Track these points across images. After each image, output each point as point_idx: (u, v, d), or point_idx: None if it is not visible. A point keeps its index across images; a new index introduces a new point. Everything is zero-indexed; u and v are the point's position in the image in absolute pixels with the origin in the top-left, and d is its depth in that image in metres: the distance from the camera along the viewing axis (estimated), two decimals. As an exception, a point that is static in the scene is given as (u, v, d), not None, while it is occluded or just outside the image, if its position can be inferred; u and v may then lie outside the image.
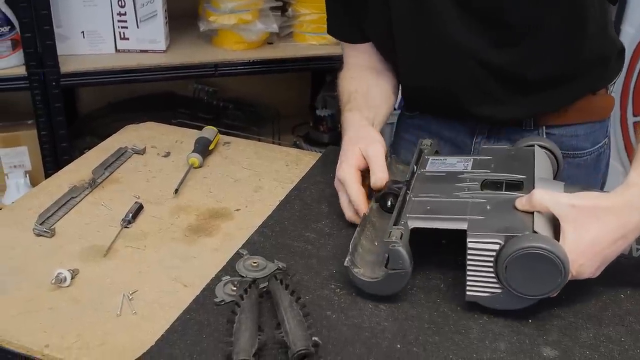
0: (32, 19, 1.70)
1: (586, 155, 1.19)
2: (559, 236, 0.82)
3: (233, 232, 1.01)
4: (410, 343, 0.79)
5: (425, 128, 1.27)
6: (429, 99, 1.19)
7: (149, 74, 1.88)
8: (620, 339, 0.81)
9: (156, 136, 1.32)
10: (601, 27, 1.11)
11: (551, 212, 0.83)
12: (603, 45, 1.14)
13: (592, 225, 0.81)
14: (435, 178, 0.97)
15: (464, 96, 1.12)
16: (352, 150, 1.04)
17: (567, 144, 1.16)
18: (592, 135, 1.19)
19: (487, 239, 0.80)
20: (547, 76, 1.09)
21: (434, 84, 1.14)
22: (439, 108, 1.21)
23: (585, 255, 0.81)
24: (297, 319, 0.77)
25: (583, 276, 0.83)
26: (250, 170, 1.21)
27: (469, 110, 1.14)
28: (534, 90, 1.11)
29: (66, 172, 1.18)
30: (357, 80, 1.20)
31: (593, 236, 0.81)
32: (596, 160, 1.21)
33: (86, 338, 0.79)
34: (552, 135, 1.16)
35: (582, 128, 1.17)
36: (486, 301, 0.82)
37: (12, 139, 1.98)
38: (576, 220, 0.81)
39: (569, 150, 1.17)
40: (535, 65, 1.08)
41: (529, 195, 0.85)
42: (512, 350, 0.79)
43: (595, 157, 1.20)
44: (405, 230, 0.84)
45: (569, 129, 1.17)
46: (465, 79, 1.10)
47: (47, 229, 0.99)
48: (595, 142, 1.19)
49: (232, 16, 1.91)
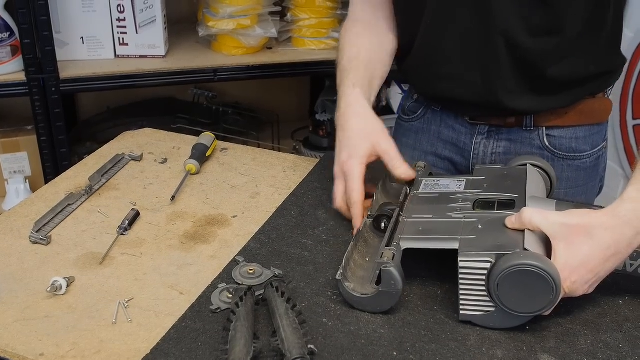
0: (31, 25, 1.70)
1: (585, 157, 1.19)
2: (551, 254, 0.81)
3: (230, 239, 1.01)
4: (407, 350, 0.79)
5: (425, 131, 1.26)
6: (443, 75, 1.16)
7: (148, 79, 1.88)
8: (618, 346, 0.81)
9: (153, 142, 1.32)
10: (617, 36, 1.15)
11: (542, 230, 0.82)
12: (615, 54, 1.16)
13: (584, 243, 0.80)
14: (428, 199, 0.97)
15: (478, 76, 1.11)
16: (362, 145, 1.04)
17: (567, 146, 1.17)
18: (591, 138, 1.19)
19: (478, 257, 0.81)
20: (563, 76, 1.10)
21: (453, 56, 1.13)
22: (447, 89, 1.17)
23: (577, 273, 0.80)
24: (293, 326, 0.77)
25: (577, 294, 0.82)
26: (247, 176, 1.20)
27: (476, 93, 1.13)
28: (545, 87, 1.11)
29: (64, 179, 1.18)
30: (361, 39, 1.18)
31: (585, 254, 0.80)
32: (595, 163, 1.21)
33: (82, 346, 0.79)
34: (552, 136, 1.16)
35: (582, 130, 1.17)
36: (480, 320, 0.83)
37: (12, 145, 1.99)
38: (567, 238, 0.81)
39: (569, 152, 1.17)
40: (557, 63, 1.08)
41: (518, 214, 0.84)
42: (509, 357, 0.78)
43: (594, 159, 1.20)
44: (398, 251, 0.85)
45: (568, 130, 1.17)
46: (489, 59, 1.09)
47: (43, 237, 0.98)
48: (594, 145, 1.19)
49: (231, 21, 1.92)
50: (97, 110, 2.29)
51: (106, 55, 1.91)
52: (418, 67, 1.20)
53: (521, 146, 1.18)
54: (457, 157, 1.24)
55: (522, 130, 1.17)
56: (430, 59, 1.16)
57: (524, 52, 1.07)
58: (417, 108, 1.28)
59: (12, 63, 1.77)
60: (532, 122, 1.16)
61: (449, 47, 1.12)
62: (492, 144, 1.19)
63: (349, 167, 1.03)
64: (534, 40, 1.06)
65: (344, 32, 1.22)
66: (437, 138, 1.25)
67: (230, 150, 1.31)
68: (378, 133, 1.06)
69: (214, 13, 1.93)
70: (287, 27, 2.05)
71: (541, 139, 1.17)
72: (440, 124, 1.24)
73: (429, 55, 1.16)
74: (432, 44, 1.14)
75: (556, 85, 1.11)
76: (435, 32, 1.13)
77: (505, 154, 1.19)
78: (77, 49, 1.88)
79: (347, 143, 1.06)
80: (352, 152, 1.04)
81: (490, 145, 1.20)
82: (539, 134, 1.17)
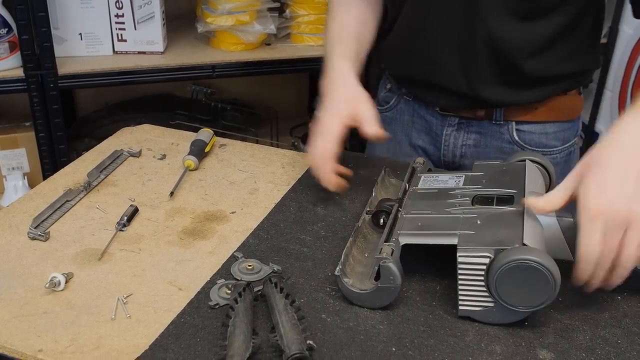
0: (29, 21, 1.70)
1: (556, 153, 1.21)
2: (549, 249, 0.82)
3: (228, 235, 1.01)
4: (406, 346, 0.79)
5: (398, 121, 1.28)
6: (421, 58, 1.17)
7: (146, 75, 1.88)
8: (616, 341, 0.81)
9: (152, 138, 1.32)
10: (596, 36, 1.16)
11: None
12: (592, 53, 1.17)
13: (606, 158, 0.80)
14: (426, 195, 0.98)
15: (455, 62, 1.12)
16: (344, 106, 1.07)
17: (536, 141, 1.19)
18: (562, 134, 1.20)
19: (477, 253, 0.81)
20: (538, 71, 1.11)
21: (433, 40, 1.14)
22: (423, 72, 1.18)
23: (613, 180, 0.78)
24: (292, 322, 0.77)
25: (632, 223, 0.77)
26: (246, 172, 1.20)
27: (451, 80, 1.14)
28: (518, 81, 1.12)
29: (62, 175, 1.18)
30: (354, 9, 1.18)
31: (616, 162, 0.79)
32: (567, 159, 1.23)
33: (80, 342, 0.79)
34: (522, 131, 1.18)
35: (551, 126, 1.19)
36: (479, 315, 0.83)
37: (10, 141, 1.99)
38: (588, 167, 0.81)
39: (538, 147, 1.19)
40: (534, 57, 1.09)
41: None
42: (508, 353, 0.78)
43: (565, 155, 1.22)
44: (396, 247, 0.85)
45: (537, 126, 1.18)
46: (468, 46, 1.10)
47: (42, 233, 0.98)
48: (565, 141, 1.21)
49: (229, 17, 1.91)
50: (96, 107, 2.29)
51: (104, 52, 1.90)
52: (397, 47, 1.21)
53: (491, 139, 1.20)
54: (430, 147, 1.25)
55: (491, 124, 1.19)
56: (410, 40, 1.17)
57: (503, 43, 1.08)
58: (390, 98, 1.29)
59: (10, 59, 1.77)
60: (501, 116, 1.18)
61: (431, 31, 1.13)
62: (462, 135, 1.22)
63: (328, 124, 1.05)
64: (514, 32, 1.07)
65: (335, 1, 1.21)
66: (411, 127, 1.27)
67: (229, 146, 1.30)
68: (361, 99, 1.07)
69: (212, 9, 1.92)
70: (286, 24, 2.05)
71: (510, 133, 1.19)
72: (413, 114, 1.26)
73: (409, 37, 1.17)
74: (414, 26, 1.15)
75: (530, 79, 1.12)
76: (419, 14, 1.14)
77: (475, 147, 1.22)
78: (76, 45, 1.87)
79: (330, 104, 1.08)
80: (333, 112, 1.07)
81: (460, 137, 1.22)
82: (509, 128, 1.19)
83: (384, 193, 1.07)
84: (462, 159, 1.24)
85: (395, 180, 1.11)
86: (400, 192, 1.00)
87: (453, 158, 1.24)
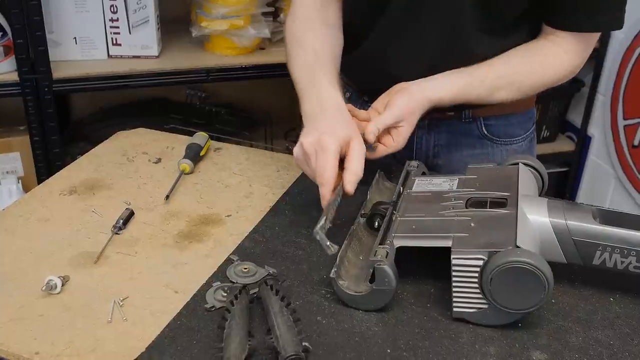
0: (24, 25, 1.70)
1: (521, 141, 1.27)
2: (542, 251, 0.83)
3: (224, 238, 1.01)
4: (401, 348, 0.80)
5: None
6: (393, 77, 1.14)
7: (141, 79, 1.88)
8: (609, 342, 0.81)
9: (147, 142, 1.32)
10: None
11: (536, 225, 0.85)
12: None
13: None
14: (421, 198, 0.98)
15: (416, 67, 1.13)
16: (343, 130, 0.98)
17: (503, 132, 1.25)
18: (524, 124, 1.28)
19: (470, 255, 0.81)
20: None
21: (405, 64, 1.14)
22: (390, 86, 1.14)
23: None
24: (288, 324, 0.78)
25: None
26: (241, 176, 1.21)
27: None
28: None
29: (57, 179, 1.18)
30: (321, 34, 1.15)
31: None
32: (529, 145, 1.30)
33: (77, 345, 0.79)
34: (490, 125, 1.23)
35: (514, 117, 1.25)
36: (473, 317, 0.83)
37: (5, 145, 1.98)
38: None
39: (506, 137, 1.25)
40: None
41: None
42: (502, 354, 0.79)
43: (528, 142, 1.29)
44: (391, 249, 0.86)
45: (502, 118, 1.23)
46: (439, 65, 1.11)
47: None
48: (526, 129, 1.28)
49: (224, 22, 1.92)
50: (90, 111, 2.29)
51: (99, 56, 1.91)
52: (363, 64, 1.21)
53: (462, 137, 1.24)
54: (402, 150, 1.18)
55: (461, 122, 1.22)
56: (381, 62, 1.18)
57: (475, 58, 1.12)
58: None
59: (4, 63, 1.77)
60: (470, 114, 1.22)
61: (404, 55, 1.14)
62: (434, 136, 1.24)
63: (326, 142, 0.94)
64: (485, 47, 1.12)
65: (298, 24, 1.18)
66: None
67: (224, 149, 1.31)
68: (358, 133, 1.01)
69: (207, 13, 1.93)
70: (280, 28, 2.05)
71: (480, 129, 1.23)
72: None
73: (380, 58, 1.18)
74: (385, 49, 1.16)
75: None
76: (391, 41, 1.14)
77: (448, 145, 1.25)
78: (70, 49, 1.87)
79: (326, 124, 0.99)
80: (330, 131, 0.97)
81: (432, 138, 1.24)
82: (478, 124, 1.23)
83: (378, 196, 1.07)
84: (435, 159, 1.26)
85: (390, 184, 1.12)
86: (395, 195, 1.00)
87: (426, 159, 1.25)
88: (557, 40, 1.11)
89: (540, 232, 0.87)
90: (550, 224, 0.87)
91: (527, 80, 1.12)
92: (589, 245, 0.85)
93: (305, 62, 1.11)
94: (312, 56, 1.11)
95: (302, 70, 1.11)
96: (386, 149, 1.07)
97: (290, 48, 1.17)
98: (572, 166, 2.50)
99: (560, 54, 1.11)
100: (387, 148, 1.07)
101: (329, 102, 1.05)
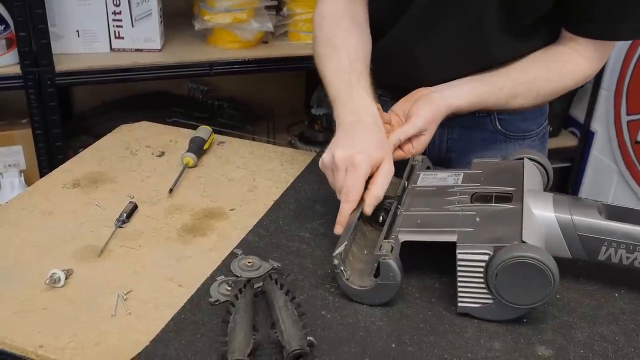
0: (26, 18, 1.69)
1: (534, 136, 1.27)
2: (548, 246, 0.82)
3: (228, 232, 1.01)
4: (405, 342, 0.79)
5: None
6: (412, 75, 1.16)
7: (143, 73, 1.88)
8: (614, 338, 0.81)
9: (150, 136, 1.32)
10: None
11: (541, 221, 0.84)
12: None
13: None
14: (426, 192, 0.98)
15: (442, 79, 1.13)
16: (378, 152, 0.96)
17: (517, 127, 1.24)
18: (537, 119, 1.26)
19: (476, 250, 0.81)
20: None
21: (426, 63, 1.15)
22: (411, 83, 1.15)
23: None
24: (292, 318, 0.77)
25: None
26: (245, 169, 1.20)
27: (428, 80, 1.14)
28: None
29: (60, 172, 1.18)
30: (353, 36, 1.13)
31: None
32: (542, 141, 1.29)
33: (80, 338, 0.79)
34: (503, 120, 1.22)
35: (528, 112, 1.23)
36: (478, 312, 0.83)
37: (7, 138, 1.98)
38: None
39: (519, 132, 1.25)
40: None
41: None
42: (506, 349, 0.79)
43: (541, 137, 1.28)
44: (396, 244, 0.85)
45: (514, 113, 1.22)
46: (461, 65, 1.12)
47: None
48: (539, 124, 1.27)
49: (227, 15, 1.91)
50: (93, 104, 2.29)
51: (102, 49, 1.90)
52: (381, 59, 1.19)
53: (475, 132, 1.24)
54: None
55: (474, 117, 1.20)
56: (402, 58, 1.17)
57: (496, 59, 1.11)
58: None
59: (7, 56, 1.77)
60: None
61: (426, 52, 1.14)
62: (447, 131, 1.24)
63: (358, 162, 0.93)
64: (507, 48, 1.11)
65: (327, 21, 1.16)
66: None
67: (228, 143, 1.31)
68: (390, 154, 1.00)
69: (210, 7, 1.92)
70: (283, 22, 2.05)
71: (493, 123, 1.23)
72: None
73: (401, 54, 1.17)
74: (406, 46, 1.15)
75: None
76: (413, 37, 1.14)
77: (461, 140, 1.24)
78: (73, 42, 1.87)
79: (361, 140, 0.98)
80: (364, 151, 0.95)
81: (445, 132, 1.24)
82: (491, 119, 1.22)
83: None
84: (449, 154, 1.26)
85: (394, 178, 1.11)
86: (400, 190, 1.00)
87: (439, 153, 1.25)
88: (576, 47, 1.09)
89: (545, 227, 0.86)
90: (555, 219, 0.86)
91: (545, 89, 1.11)
92: (595, 240, 0.85)
93: (339, 67, 1.09)
94: (347, 61, 1.09)
95: (336, 75, 1.09)
96: (404, 154, 1.06)
97: (320, 47, 1.14)
98: (574, 161, 2.50)
99: (580, 61, 1.10)
100: (405, 154, 1.06)
101: (365, 111, 1.03)
